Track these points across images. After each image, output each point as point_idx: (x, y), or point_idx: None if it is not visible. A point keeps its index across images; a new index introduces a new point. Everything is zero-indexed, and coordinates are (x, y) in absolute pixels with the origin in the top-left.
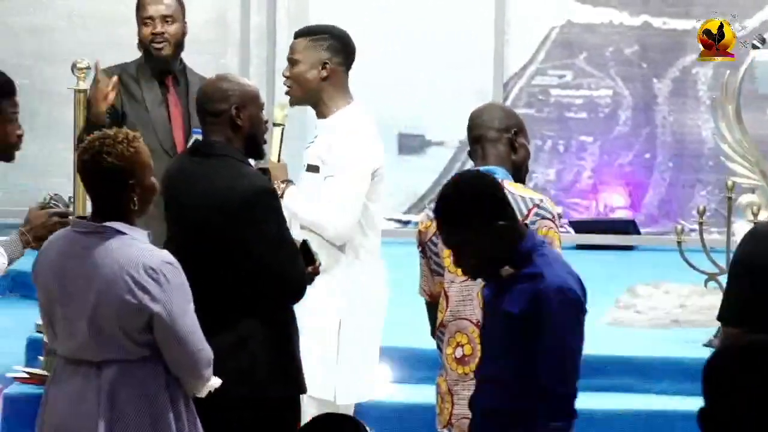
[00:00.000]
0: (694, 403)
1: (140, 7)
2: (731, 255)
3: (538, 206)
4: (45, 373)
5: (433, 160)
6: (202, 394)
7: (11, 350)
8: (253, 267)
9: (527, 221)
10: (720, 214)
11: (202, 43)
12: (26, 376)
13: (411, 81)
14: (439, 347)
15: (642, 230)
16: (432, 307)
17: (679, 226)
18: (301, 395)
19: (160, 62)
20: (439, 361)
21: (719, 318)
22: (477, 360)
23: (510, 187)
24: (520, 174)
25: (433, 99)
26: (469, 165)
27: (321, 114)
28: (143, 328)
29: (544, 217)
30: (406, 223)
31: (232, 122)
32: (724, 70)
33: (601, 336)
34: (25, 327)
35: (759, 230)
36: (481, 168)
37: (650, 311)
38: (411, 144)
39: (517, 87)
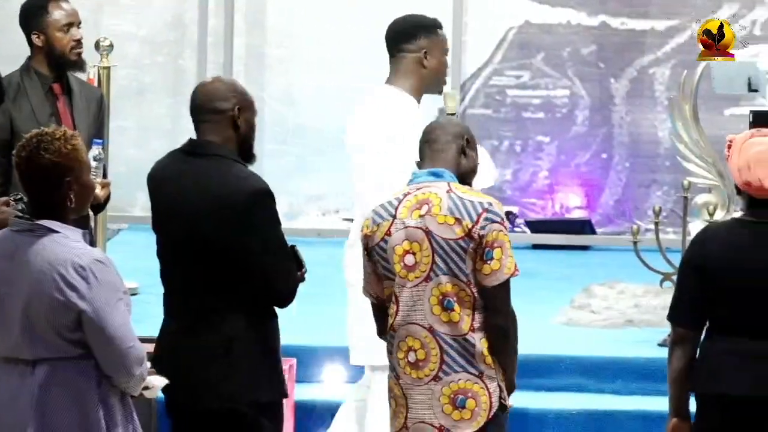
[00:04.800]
0: (648, 403)
1: (50, 12)
2: None
3: (487, 210)
4: None
5: None
6: (136, 392)
7: None
8: (247, 268)
9: (477, 226)
10: (676, 214)
11: (158, 45)
12: None
13: (367, 82)
14: (389, 350)
15: (598, 230)
16: (378, 308)
17: (635, 226)
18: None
19: (74, 68)
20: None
21: (669, 317)
22: (431, 364)
23: (458, 191)
24: (465, 183)
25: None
26: None
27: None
28: (73, 326)
29: (493, 221)
30: None
31: (233, 122)
32: (681, 71)
33: (556, 335)
34: None
35: (708, 231)
36: (430, 169)
37: (605, 311)
38: None
39: (474, 87)
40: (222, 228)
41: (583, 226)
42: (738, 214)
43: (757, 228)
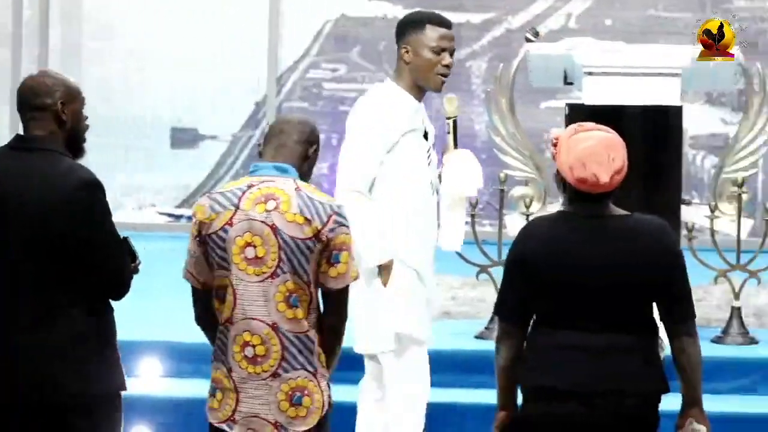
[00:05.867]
0: (465, 396)
1: None
2: (503, 247)
3: (336, 213)
4: None
5: (205, 153)
6: None
7: None
8: (81, 262)
9: (326, 228)
10: (492, 207)
11: None
12: None
13: (184, 75)
14: (212, 338)
15: None
16: (204, 294)
17: None
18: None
19: None
20: (211, 353)
21: (494, 312)
22: (271, 360)
23: (306, 190)
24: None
25: (206, 93)
26: (242, 160)
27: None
28: None
29: (342, 224)
30: (179, 217)
31: (56, 116)
32: (498, 64)
33: None
34: None
35: (532, 225)
36: (275, 163)
37: None
38: (184, 138)
39: (291, 81)
40: (52, 223)
41: None
42: (559, 207)
43: (587, 223)
